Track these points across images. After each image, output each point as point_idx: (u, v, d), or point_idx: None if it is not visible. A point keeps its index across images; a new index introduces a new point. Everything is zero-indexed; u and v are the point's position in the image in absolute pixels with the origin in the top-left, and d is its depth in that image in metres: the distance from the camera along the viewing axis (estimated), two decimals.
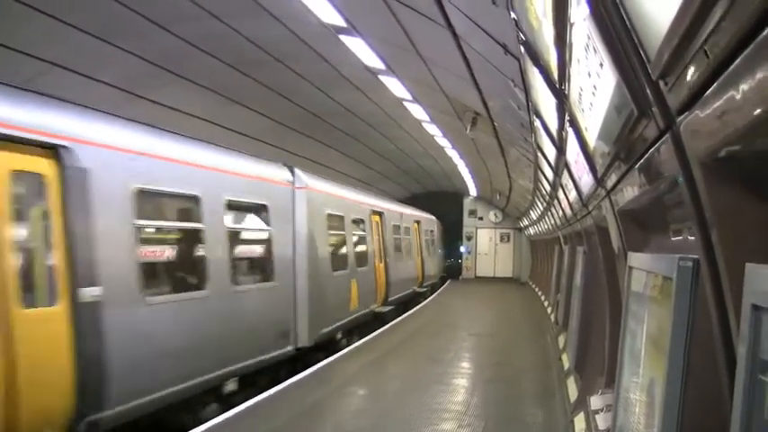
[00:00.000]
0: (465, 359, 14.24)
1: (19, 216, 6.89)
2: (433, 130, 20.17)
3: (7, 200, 6.63)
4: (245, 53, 12.99)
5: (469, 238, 40.61)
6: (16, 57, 10.44)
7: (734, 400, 2.04)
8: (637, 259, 4.32)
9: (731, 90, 1.89)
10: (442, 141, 22.13)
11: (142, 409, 8.27)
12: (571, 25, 3.58)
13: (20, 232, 6.88)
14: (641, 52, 2.54)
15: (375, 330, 17.68)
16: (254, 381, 11.30)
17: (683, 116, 2.46)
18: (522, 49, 6.40)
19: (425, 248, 29.85)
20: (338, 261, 16.16)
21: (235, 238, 11.39)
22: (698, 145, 2.41)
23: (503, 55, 8.05)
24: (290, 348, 12.81)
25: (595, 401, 7.01)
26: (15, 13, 9.48)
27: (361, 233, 18.95)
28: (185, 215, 10.13)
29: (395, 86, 14.78)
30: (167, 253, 9.77)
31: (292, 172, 13.77)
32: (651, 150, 3.21)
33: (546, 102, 6.60)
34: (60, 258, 7.14)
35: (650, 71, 2.51)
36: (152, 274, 9.00)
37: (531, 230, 31.17)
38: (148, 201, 8.92)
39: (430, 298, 27.58)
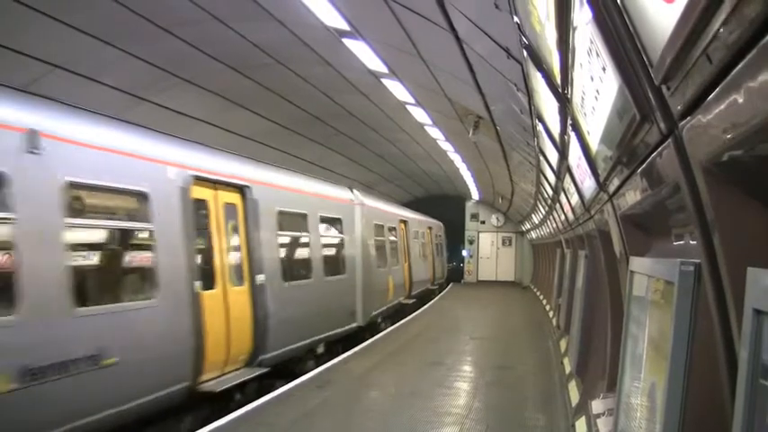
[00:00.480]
0: (467, 363, 14.23)
1: (225, 230, 11.03)
2: (435, 133, 20.19)
3: (222, 220, 10.90)
4: (248, 56, 13.02)
5: (471, 242, 40.63)
6: (19, 59, 10.46)
7: (735, 405, 2.03)
8: (638, 263, 4.32)
9: (733, 95, 1.89)
10: (445, 145, 22.15)
11: (281, 357, 12.30)
12: (574, 29, 3.58)
13: (227, 240, 11.03)
14: (644, 57, 2.54)
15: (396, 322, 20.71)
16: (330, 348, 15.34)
17: (685, 121, 2.46)
18: (525, 52, 6.40)
19: (435, 251, 33.31)
20: (381, 261, 20.55)
21: (324, 242, 15.67)
22: (700, 150, 2.41)
23: (505, 59, 8.06)
24: (354, 325, 17.17)
25: (597, 406, 7.00)
26: (18, 15, 9.50)
27: (394, 238, 23.17)
28: (300, 227, 14.34)
29: (398, 90, 14.80)
30: (292, 253, 14.15)
31: (352, 191, 18.22)
32: (653, 155, 3.21)
33: (548, 106, 6.60)
34: (244, 256, 11.47)
35: (653, 75, 2.51)
36: (286, 266, 13.12)
37: (533, 234, 31.16)
38: (283, 218, 13.05)
39: (430, 303, 27.62)
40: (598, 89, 3.55)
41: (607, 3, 2.73)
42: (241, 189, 11.43)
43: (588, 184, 6.42)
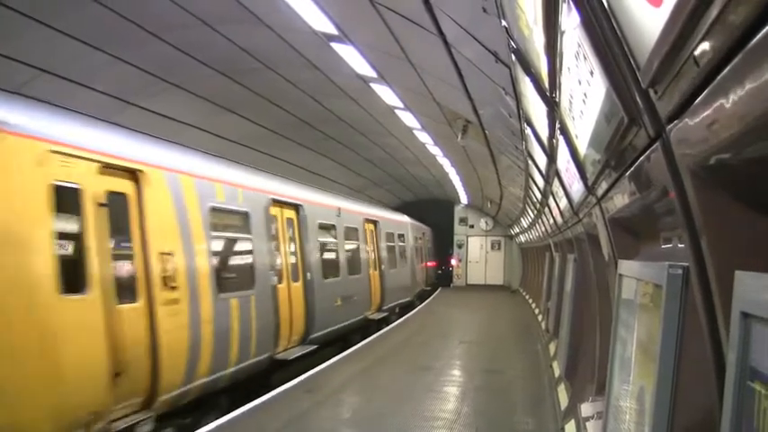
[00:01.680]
0: (456, 367, 14.23)
1: (371, 242, 21.93)
2: (424, 137, 20.20)
3: (369, 238, 21.59)
4: (236, 61, 13.00)
5: (460, 246, 40.63)
6: (9, 64, 10.42)
7: (723, 407, 2.04)
8: (627, 267, 4.33)
9: (721, 98, 1.90)
10: (434, 149, 22.16)
11: (390, 308, 23.06)
12: (562, 33, 3.59)
13: (371, 247, 21.73)
14: (631, 60, 2.55)
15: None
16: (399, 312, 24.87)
17: (672, 124, 2.47)
18: (513, 56, 6.42)
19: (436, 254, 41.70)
20: (417, 259, 30.64)
21: (400, 248, 26.35)
22: (687, 153, 2.42)
23: (494, 63, 8.07)
24: (408, 298, 27.06)
25: (586, 409, 7.01)
26: (7, 20, 9.46)
27: (421, 245, 33.07)
28: (392, 240, 24.98)
29: (386, 94, 14.80)
30: (392, 254, 24.55)
31: (405, 216, 29.58)
32: (641, 158, 3.22)
33: (536, 110, 6.61)
34: (376, 255, 22.05)
35: (640, 79, 2.52)
36: (389, 261, 23.51)
37: (522, 238, 31.22)
38: (388, 236, 24.00)
39: (418, 307, 27.75)
40: (586, 93, 3.56)
41: (595, 7, 2.74)
42: (375, 223, 22.46)
43: (577, 187, 6.43)
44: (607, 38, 2.77)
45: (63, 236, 7.19)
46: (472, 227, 40.52)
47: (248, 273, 11.54)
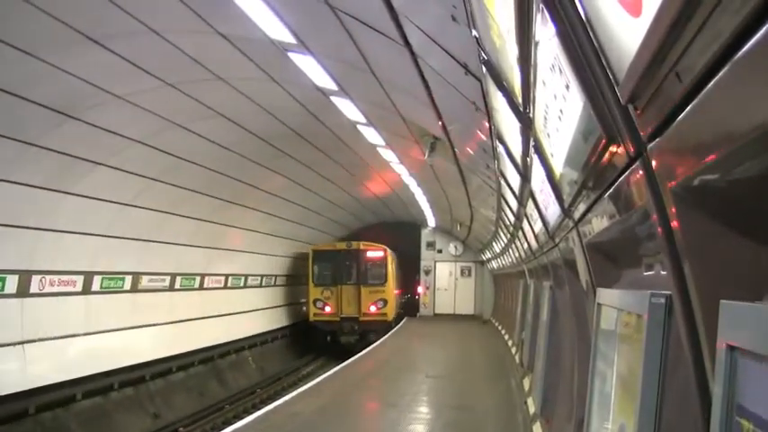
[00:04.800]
0: (422, 403, 14.19)
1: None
2: (388, 155, 20.23)
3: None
4: (186, 72, 12.91)
5: (427, 273, 40.65)
6: None
7: None
8: (606, 295, 4.35)
9: (704, 115, 1.91)
10: (399, 168, 22.20)
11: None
12: (536, 44, 3.61)
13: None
14: (609, 74, 2.55)
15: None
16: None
17: (654, 143, 2.48)
18: (484, 68, 6.45)
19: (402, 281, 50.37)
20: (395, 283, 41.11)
21: (397, 273, 38.17)
22: (670, 173, 2.43)
23: (463, 75, 8.10)
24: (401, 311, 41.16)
25: None
26: None
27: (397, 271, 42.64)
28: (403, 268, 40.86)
29: (348, 108, 14.80)
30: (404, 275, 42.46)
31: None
32: (620, 179, 3.23)
33: (509, 126, 6.64)
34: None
35: (619, 94, 2.53)
36: (400, 279, 40.49)
37: (494, 264, 31.29)
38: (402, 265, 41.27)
39: (382, 339, 27.73)
40: (562, 108, 3.58)
41: (571, 16, 2.76)
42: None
43: (552, 209, 6.46)
44: (584, 50, 2.78)
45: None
46: (440, 252, 40.59)
47: (400, 282, 37.78)
